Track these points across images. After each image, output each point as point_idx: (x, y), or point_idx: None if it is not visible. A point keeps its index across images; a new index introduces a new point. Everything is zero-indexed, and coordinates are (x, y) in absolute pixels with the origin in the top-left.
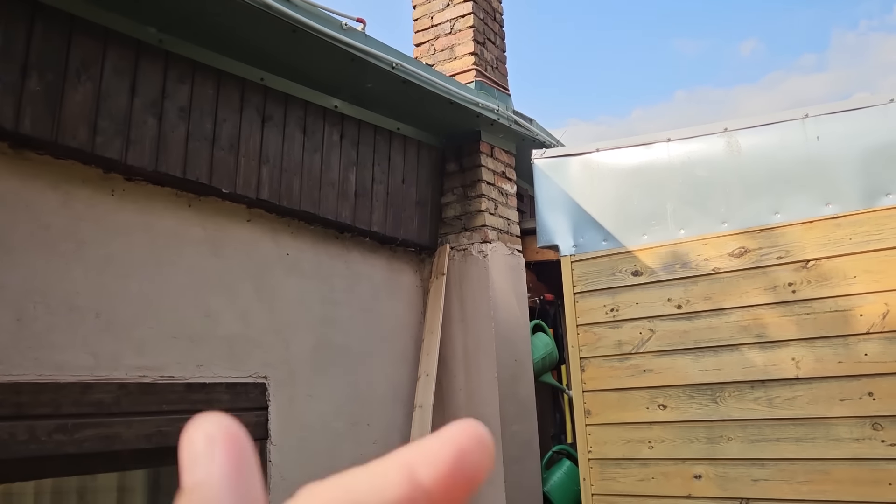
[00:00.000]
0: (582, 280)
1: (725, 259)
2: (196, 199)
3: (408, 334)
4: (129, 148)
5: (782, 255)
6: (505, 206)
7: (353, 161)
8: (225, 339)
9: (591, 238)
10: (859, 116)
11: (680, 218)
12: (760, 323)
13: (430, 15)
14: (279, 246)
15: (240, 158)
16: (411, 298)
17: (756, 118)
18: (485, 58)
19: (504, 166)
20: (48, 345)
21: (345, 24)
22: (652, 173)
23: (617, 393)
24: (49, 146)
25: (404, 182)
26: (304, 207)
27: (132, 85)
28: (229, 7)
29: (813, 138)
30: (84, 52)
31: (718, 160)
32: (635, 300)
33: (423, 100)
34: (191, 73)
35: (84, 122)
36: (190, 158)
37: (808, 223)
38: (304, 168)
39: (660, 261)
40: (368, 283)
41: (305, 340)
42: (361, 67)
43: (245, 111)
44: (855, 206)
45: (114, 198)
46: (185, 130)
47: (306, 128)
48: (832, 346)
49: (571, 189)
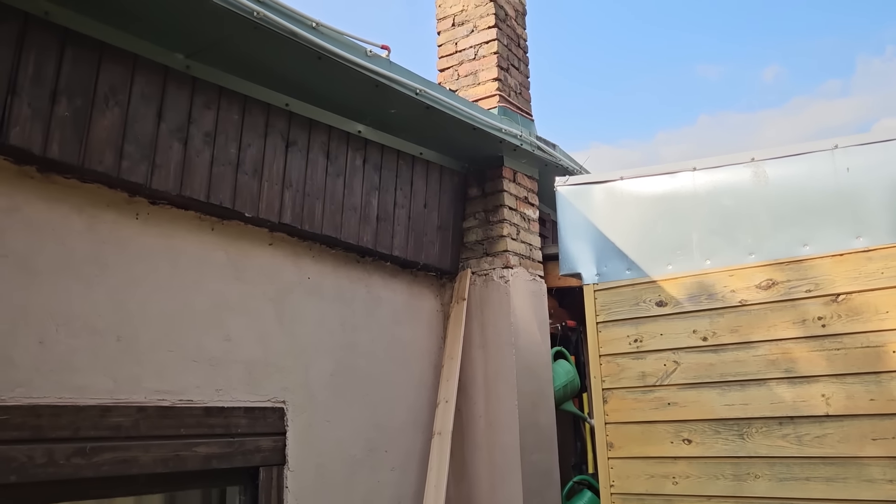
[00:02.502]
0: (605, 309)
1: (753, 291)
2: (219, 223)
3: (427, 360)
4: (154, 172)
5: (811, 288)
6: (527, 231)
7: (375, 185)
8: (244, 364)
9: (614, 267)
10: (890, 148)
11: (706, 248)
12: (789, 357)
13: (455, 41)
14: (300, 270)
15: (263, 183)
16: (431, 323)
17: (784, 148)
18: (508, 83)
19: (527, 191)
20: (69, 367)
21: (370, 51)
22: (677, 202)
23: (640, 426)
24: (76, 170)
25: (426, 207)
26: (326, 231)
27: (159, 110)
28: (256, 34)
29: (842, 169)
30: (112, 78)
31: (745, 190)
32: (659, 331)
33: (446, 125)
34: (217, 99)
35: (111, 146)
36: (214, 183)
37: (837, 256)
38: (327, 192)
39: (685, 291)
40: (389, 308)
41: (325, 365)
42: (385, 93)
43: (269, 136)
44: (886, 240)
45: (138, 221)
46: (210, 155)
47: (329, 152)
48: (864, 382)
49: (595, 217)
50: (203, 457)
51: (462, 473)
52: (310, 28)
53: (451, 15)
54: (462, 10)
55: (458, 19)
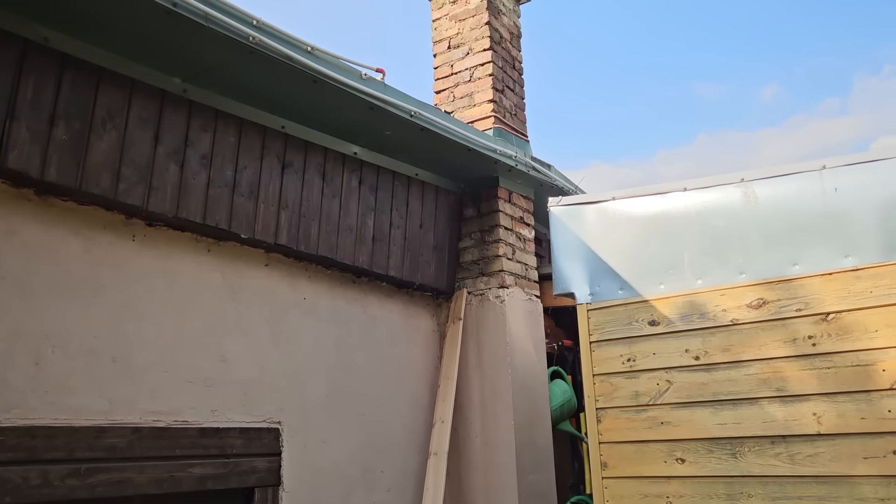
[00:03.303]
0: (598, 329)
1: (744, 310)
2: (215, 244)
3: (423, 380)
4: (150, 194)
5: (801, 307)
6: (523, 251)
7: (371, 206)
8: (240, 384)
9: (607, 287)
10: (877, 168)
11: (697, 268)
12: (780, 376)
13: (451, 63)
14: (296, 290)
15: (259, 204)
16: (428, 343)
17: (773, 169)
18: (503, 105)
19: (522, 212)
20: (64, 389)
21: (364, 75)
22: (668, 222)
23: (634, 445)
24: (73, 193)
25: (422, 227)
26: (322, 252)
27: (156, 133)
28: (252, 59)
29: (831, 189)
30: (110, 102)
31: (735, 210)
32: (652, 350)
33: (441, 146)
34: (213, 122)
35: (108, 169)
36: (210, 204)
37: (827, 275)
38: (323, 213)
39: (677, 311)
40: (385, 328)
41: (320, 385)
42: (380, 115)
43: (266, 158)
44: (875, 259)
45: (134, 243)
46: (207, 177)
47: (325, 174)
48: (855, 401)
49: (587, 237)
50: (198, 478)
51: (458, 494)
52: (305, 52)
53: (447, 38)
54: (458, 32)
55: (454, 42)
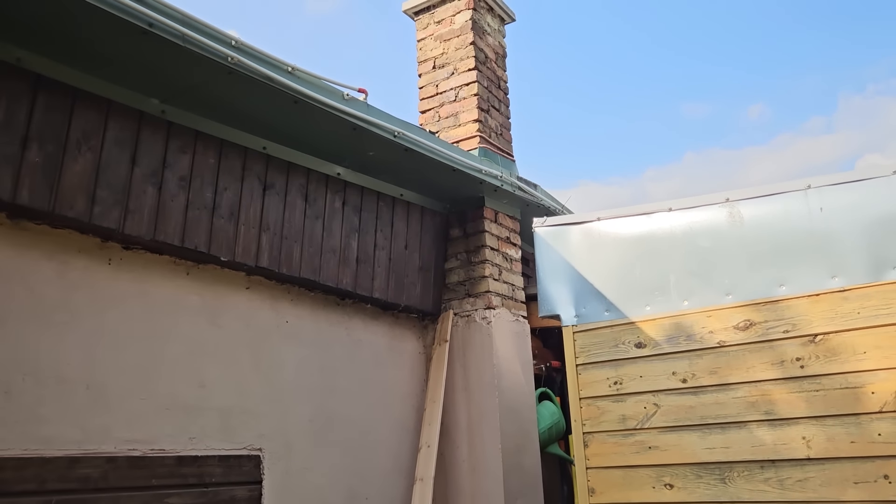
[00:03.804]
0: (584, 351)
1: (731, 332)
2: (195, 267)
3: (409, 403)
4: (127, 217)
5: (789, 328)
6: (509, 271)
7: (355, 227)
8: (219, 411)
9: (593, 308)
10: (862, 188)
11: (683, 289)
12: (769, 399)
13: (436, 83)
14: (278, 313)
15: (240, 226)
16: (413, 366)
17: (757, 189)
18: (489, 125)
19: (508, 231)
20: (35, 418)
21: (346, 95)
22: (654, 243)
23: (621, 470)
24: (46, 216)
25: (407, 248)
26: (305, 275)
27: (133, 155)
28: (232, 80)
29: (816, 209)
30: (85, 124)
31: (721, 230)
32: (639, 373)
33: (425, 167)
34: (192, 143)
35: (83, 192)
36: (189, 227)
37: (814, 296)
38: (305, 235)
39: (663, 333)
40: (369, 351)
41: (303, 411)
42: (363, 136)
43: (246, 179)
44: (862, 280)
45: (110, 267)
46: (185, 199)
47: (308, 195)
48: (844, 424)
49: (573, 258)
50: None
51: None
52: (286, 73)
53: (432, 58)
54: (443, 52)
55: (439, 62)
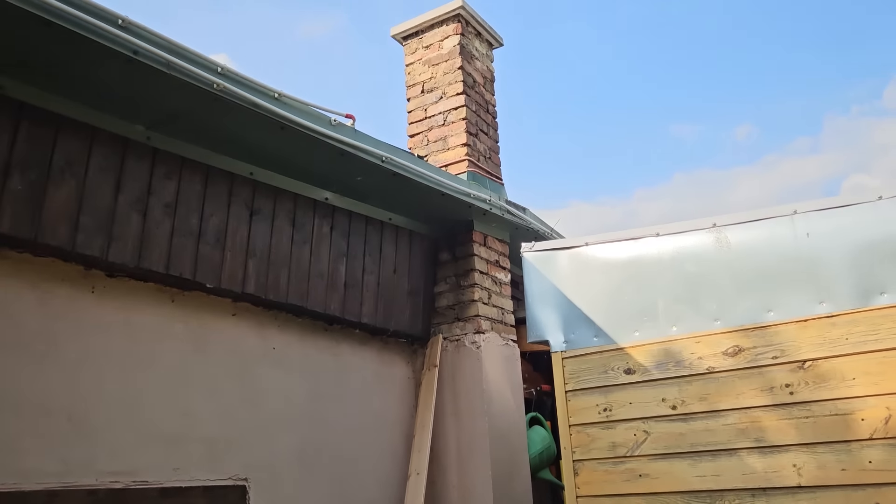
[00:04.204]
0: (573, 377)
1: (720, 358)
2: (180, 294)
3: (398, 429)
4: (111, 245)
5: (777, 354)
6: (499, 295)
7: (343, 252)
8: (204, 441)
9: (581, 334)
10: (848, 213)
11: (672, 314)
12: (759, 426)
13: (424, 107)
14: (265, 340)
15: (226, 252)
16: (402, 391)
17: (744, 214)
18: (477, 148)
19: (498, 255)
20: (14, 451)
21: (334, 121)
22: (642, 268)
23: (612, 499)
24: (29, 245)
25: (396, 272)
26: (292, 300)
27: (117, 182)
28: (218, 106)
29: (802, 235)
30: (69, 151)
31: (708, 256)
32: (628, 399)
33: (414, 191)
34: (178, 169)
35: (66, 219)
36: (174, 254)
37: (802, 322)
38: (293, 260)
39: (652, 359)
40: (358, 377)
41: (290, 439)
42: (351, 161)
43: (233, 205)
44: (849, 305)
45: (94, 295)
46: (171, 226)
47: (295, 220)
48: (834, 452)
49: (561, 283)
50: None
51: None
52: (272, 99)
53: (421, 82)
54: (431, 77)
55: (428, 86)
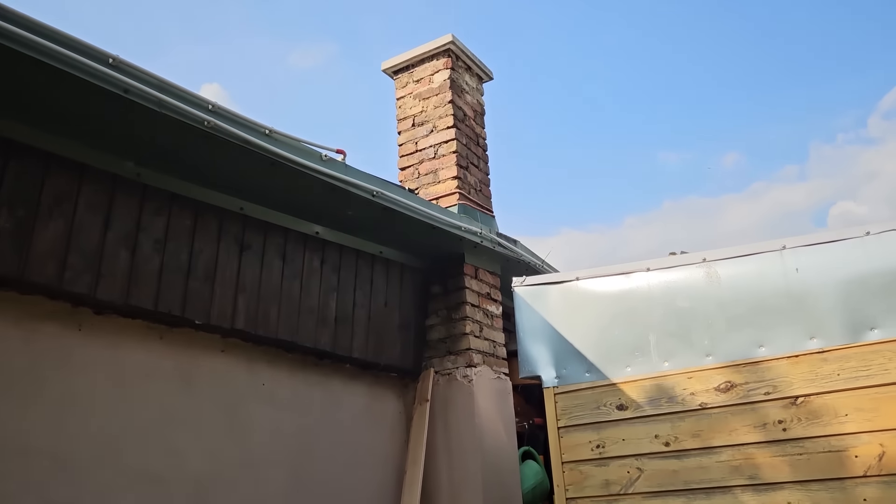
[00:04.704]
0: (566, 413)
1: (712, 394)
2: (168, 331)
3: (390, 465)
4: (99, 282)
5: (770, 390)
6: (490, 327)
7: (333, 286)
8: (191, 479)
9: (573, 369)
10: (836, 248)
11: (663, 350)
12: (752, 463)
13: (415, 140)
14: (255, 376)
15: (215, 288)
16: (394, 426)
17: (733, 249)
18: (468, 181)
19: (489, 287)
20: None
21: (325, 156)
22: (633, 303)
23: None
24: (15, 283)
25: (387, 305)
26: (282, 335)
27: (106, 219)
28: (208, 143)
29: (792, 269)
30: (58, 188)
31: (699, 290)
32: (621, 436)
33: (405, 225)
34: (168, 205)
35: (53, 257)
36: (163, 290)
37: (793, 357)
38: (283, 295)
39: (645, 394)
40: (348, 412)
41: (279, 477)
42: (342, 196)
43: (223, 241)
44: (840, 341)
45: (81, 333)
46: (160, 262)
47: (286, 255)
48: (829, 489)
49: (552, 318)
50: None
51: None
52: (262, 135)
53: (412, 115)
54: (422, 111)
55: (418, 120)
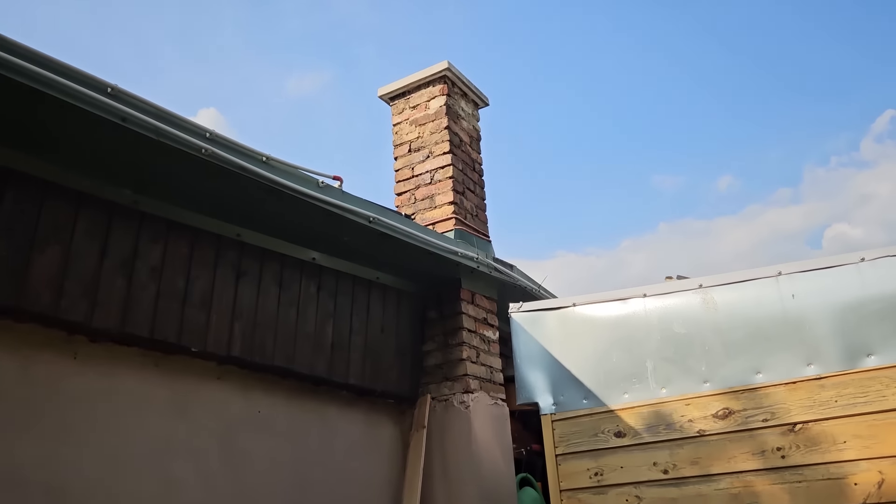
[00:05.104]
0: (563, 441)
1: (710, 420)
2: (164, 359)
3: (387, 492)
4: (95, 309)
5: (768, 417)
6: (487, 353)
7: (330, 313)
8: None
9: (571, 396)
10: (832, 275)
11: (660, 376)
12: (752, 491)
13: (411, 166)
14: (250, 403)
15: (212, 315)
16: (391, 453)
17: (730, 275)
18: (464, 206)
19: (486, 312)
20: None
21: (322, 182)
22: (630, 329)
23: None
24: (10, 311)
25: (383, 331)
26: (278, 362)
27: (103, 246)
28: (205, 170)
29: (788, 295)
30: (55, 216)
31: (695, 316)
32: (619, 463)
33: (401, 250)
34: (165, 232)
35: (49, 285)
36: (159, 317)
37: (791, 384)
38: (279, 322)
39: (643, 421)
40: (345, 439)
41: None
42: (339, 222)
43: (219, 267)
44: (837, 367)
45: (76, 361)
46: (156, 289)
47: (282, 281)
48: None
49: (549, 344)
50: None
51: None
52: (260, 162)
53: (408, 141)
54: (418, 136)
55: (415, 145)
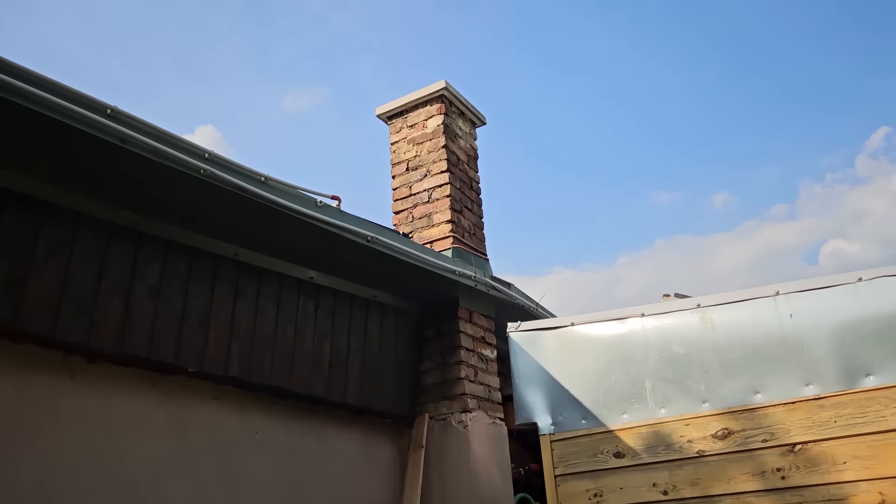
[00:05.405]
0: (563, 461)
1: (709, 441)
2: (161, 379)
3: None
4: (92, 330)
5: (767, 437)
6: (485, 371)
7: (327, 332)
8: None
9: (570, 416)
10: (829, 295)
11: (659, 396)
12: None
13: (409, 185)
14: (247, 423)
15: (209, 335)
16: (388, 473)
17: (728, 295)
18: (462, 225)
19: (483, 331)
20: None
21: (320, 202)
22: (628, 348)
23: None
24: (7, 333)
25: (381, 350)
26: (276, 382)
27: (101, 266)
28: (204, 190)
29: (786, 315)
30: (53, 237)
31: (694, 336)
32: (619, 484)
33: (399, 269)
34: (163, 252)
35: (46, 306)
36: (157, 337)
37: (790, 404)
38: (277, 341)
39: (642, 442)
40: (343, 459)
41: None
42: (337, 241)
43: (217, 287)
44: (835, 387)
45: (73, 382)
46: (154, 309)
47: (280, 300)
48: None
49: (548, 363)
50: None
51: None
52: (258, 182)
53: (406, 160)
54: (416, 155)
55: (412, 164)
